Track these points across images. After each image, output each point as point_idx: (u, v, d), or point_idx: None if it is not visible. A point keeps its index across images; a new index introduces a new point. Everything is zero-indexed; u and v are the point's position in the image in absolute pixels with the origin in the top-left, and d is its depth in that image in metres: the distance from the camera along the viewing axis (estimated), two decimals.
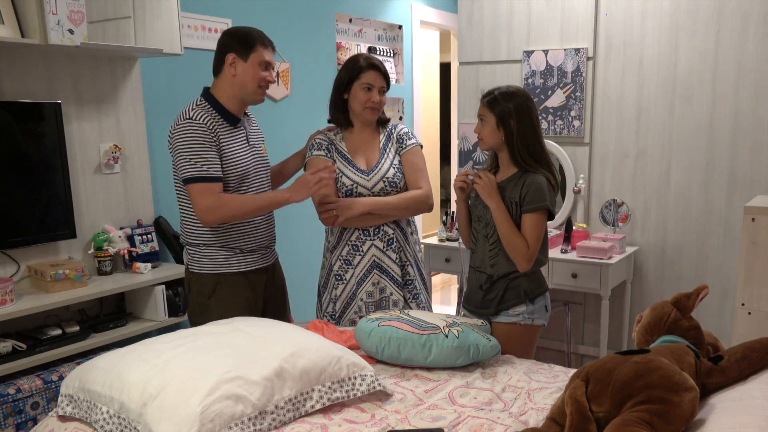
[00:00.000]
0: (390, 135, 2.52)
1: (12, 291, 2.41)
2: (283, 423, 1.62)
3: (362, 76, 2.38)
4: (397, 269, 2.46)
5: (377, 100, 2.39)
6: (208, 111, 2.18)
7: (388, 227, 2.44)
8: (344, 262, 2.45)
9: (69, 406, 1.74)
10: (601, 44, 3.47)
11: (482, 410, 1.72)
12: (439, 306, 5.24)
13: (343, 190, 2.40)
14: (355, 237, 2.43)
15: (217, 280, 2.25)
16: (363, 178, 2.41)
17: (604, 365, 1.51)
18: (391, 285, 2.45)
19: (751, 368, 1.64)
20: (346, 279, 2.46)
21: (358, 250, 2.44)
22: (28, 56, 2.60)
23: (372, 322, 2.07)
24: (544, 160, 2.28)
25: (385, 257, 2.44)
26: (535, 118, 2.27)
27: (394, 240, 2.45)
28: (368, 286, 2.43)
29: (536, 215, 2.20)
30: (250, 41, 2.19)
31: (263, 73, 2.22)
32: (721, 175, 3.26)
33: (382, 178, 2.42)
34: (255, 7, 3.58)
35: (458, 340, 1.97)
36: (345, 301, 2.47)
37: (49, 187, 2.64)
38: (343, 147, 2.46)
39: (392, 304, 2.47)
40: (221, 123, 2.20)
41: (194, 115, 2.14)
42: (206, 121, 2.14)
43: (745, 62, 3.13)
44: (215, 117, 2.19)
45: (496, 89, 2.29)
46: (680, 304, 1.76)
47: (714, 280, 3.32)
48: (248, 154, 2.28)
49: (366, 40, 4.46)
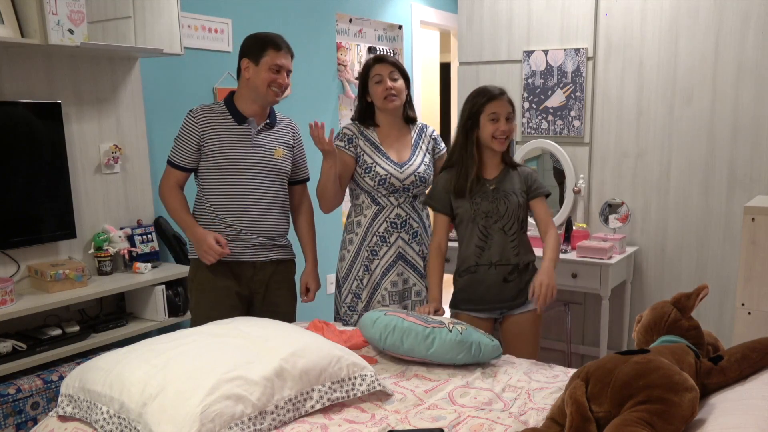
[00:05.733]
0: (422, 133, 2.65)
1: (12, 291, 2.41)
2: (283, 423, 1.62)
3: (371, 72, 2.51)
4: (420, 261, 2.59)
5: (389, 86, 2.49)
6: (214, 107, 2.40)
7: (413, 221, 2.57)
8: (371, 253, 2.55)
9: (69, 406, 1.74)
10: (601, 44, 3.47)
11: (482, 410, 1.72)
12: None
13: (377, 180, 2.50)
14: (383, 229, 2.54)
15: (197, 264, 2.43)
16: (396, 169, 2.52)
17: (604, 365, 1.51)
18: (414, 276, 2.59)
19: (751, 368, 1.64)
20: (371, 269, 2.56)
21: (385, 241, 2.55)
22: (28, 56, 2.60)
23: (379, 311, 2.13)
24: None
25: (409, 249, 2.57)
26: None
27: (418, 233, 2.58)
28: (393, 276, 2.55)
29: (544, 198, 2.47)
30: (262, 46, 2.33)
31: (273, 75, 2.34)
32: (721, 175, 3.26)
33: (414, 172, 2.54)
34: (255, 7, 3.58)
35: (461, 336, 1.99)
36: (370, 291, 2.56)
37: (49, 187, 2.64)
38: (375, 138, 2.56)
39: (415, 294, 2.60)
40: (226, 118, 2.38)
41: (195, 108, 2.40)
42: (201, 112, 2.37)
43: (745, 62, 3.13)
44: (220, 112, 2.39)
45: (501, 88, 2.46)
46: (680, 304, 1.76)
47: (714, 280, 3.32)
48: (247, 150, 2.38)
49: (366, 40, 4.46)
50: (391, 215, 2.54)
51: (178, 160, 2.39)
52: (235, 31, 3.42)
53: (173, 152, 2.40)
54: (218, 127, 2.37)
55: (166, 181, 2.43)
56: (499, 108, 2.39)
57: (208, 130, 2.36)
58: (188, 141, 2.36)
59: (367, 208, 2.56)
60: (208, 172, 2.39)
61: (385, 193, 2.53)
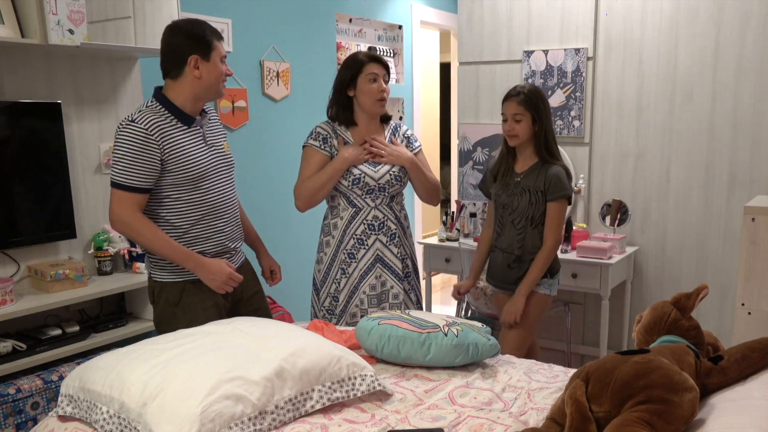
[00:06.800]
0: (395, 132, 2.61)
1: (12, 291, 2.41)
2: (283, 423, 1.62)
3: (365, 69, 2.45)
4: (398, 263, 2.55)
5: (384, 88, 2.47)
6: (157, 113, 2.07)
7: (391, 223, 2.53)
8: (348, 256, 2.51)
9: (69, 406, 1.74)
10: (601, 44, 3.47)
11: (482, 410, 1.72)
12: (440, 306, 5.24)
13: (350, 179, 2.46)
14: (360, 231, 2.50)
15: (182, 287, 2.16)
16: (371, 169, 2.48)
17: (604, 365, 1.51)
18: (392, 278, 2.55)
19: (751, 368, 1.64)
20: (349, 272, 2.52)
21: (363, 244, 2.51)
22: (28, 56, 2.60)
23: (372, 320, 2.09)
24: (557, 152, 2.61)
25: (387, 251, 2.53)
26: (551, 114, 2.62)
27: (396, 235, 2.54)
28: (371, 280, 2.52)
29: (559, 203, 2.55)
30: (208, 40, 2.10)
31: (224, 67, 2.15)
32: (721, 175, 3.26)
33: (389, 171, 2.50)
34: (255, 7, 3.58)
35: (457, 339, 1.98)
36: (347, 294, 2.52)
37: (49, 187, 2.64)
38: (349, 137, 2.51)
39: (392, 297, 2.56)
40: (174, 124, 2.09)
41: (138, 119, 2.03)
42: (151, 124, 2.03)
43: (745, 62, 3.13)
44: (166, 119, 2.08)
45: (521, 88, 2.57)
46: (680, 304, 1.76)
47: (714, 280, 3.32)
48: (206, 154, 2.15)
49: (366, 40, 4.46)
50: (369, 217, 2.50)
51: (138, 181, 2.02)
52: (235, 31, 3.42)
53: (126, 174, 2.01)
54: (172, 136, 2.07)
55: (127, 209, 2.03)
56: (506, 109, 2.59)
57: (166, 143, 2.05)
58: (147, 159, 2.02)
59: (344, 210, 2.51)
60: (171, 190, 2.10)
61: (360, 193, 2.48)
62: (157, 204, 2.11)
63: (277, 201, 3.77)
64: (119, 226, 2.09)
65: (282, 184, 3.75)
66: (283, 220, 3.82)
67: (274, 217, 3.77)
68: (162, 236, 2.08)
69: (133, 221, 2.05)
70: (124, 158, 2.02)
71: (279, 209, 3.78)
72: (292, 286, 3.52)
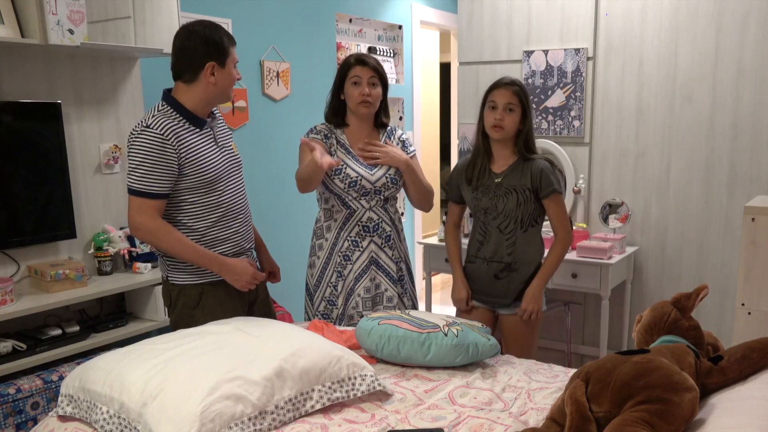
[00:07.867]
0: (390, 136, 2.59)
1: (12, 291, 2.41)
2: (283, 423, 1.62)
3: (350, 72, 2.44)
4: (393, 266, 2.55)
5: (366, 92, 2.41)
6: (170, 116, 2.05)
7: (386, 225, 2.51)
8: (343, 258, 2.50)
9: (69, 406, 1.74)
10: (601, 44, 3.47)
11: (482, 410, 1.72)
12: (439, 306, 5.24)
13: (347, 182, 2.44)
14: (355, 233, 2.48)
15: (201, 290, 2.15)
16: (367, 171, 2.46)
17: (604, 365, 1.51)
18: (386, 281, 2.54)
19: (751, 368, 1.64)
20: (344, 275, 2.50)
21: (357, 246, 2.49)
22: (28, 56, 2.60)
23: (372, 320, 2.09)
24: (535, 148, 2.48)
25: (382, 254, 2.52)
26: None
27: (391, 238, 2.53)
28: (366, 282, 2.51)
29: (555, 197, 2.42)
30: (225, 47, 2.08)
31: (236, 72, 2.16)
32: (721, 175, 3.26)
33: (384, 174, 2.48)
34: (255, 7, 3.58)
35: (457, 339, 1.98)
36: (344, 297, 2.51)
37: (49, 187, 2.64)
38: (344, 139, 2.51)
39: (386, 300, 2.55)
40: (186, 127, 2.07)
41: (153, 124, 2.00)
42: (167, 129, 2.00)
43: (745, 62, 3.13)
44: (180, 122, 2.06)
45: (513, 79, 2.44)
46: (680, 304, 1.76)
47: (714, 280, 3.32)
48: (218, 156, 2.15)
49: (366, 40, 4.46)
50: (363, 218, 2.48)
51: (157, 188, 2.00)
52: (235, 31, 3.42)
53: (145, 180, 1.99)
54: (187, 139, 2.06)
55: (148, 216, 2.01)
56: (498, 97, 2.40)
57: (182, 147, 2.03)
58: (165, 164, 2.00)
59: (338, 212, 2.50)
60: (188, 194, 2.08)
61: (355, 195, 2.46)
62: (174, 209, 2.09)
63: (277, 201, 3.77)
64: (141, 234, 2.05)
65: (282, 183, 3.75)
66: (283, 219, 3.82)
67: (275, 217, 3.77)
68: (186, 241, 2.06)
69: (156, 228, 2.02)
70: (143, 164, 1.99)
71: (279, 209, 3.78)
72: (292, 286, 3.52)
